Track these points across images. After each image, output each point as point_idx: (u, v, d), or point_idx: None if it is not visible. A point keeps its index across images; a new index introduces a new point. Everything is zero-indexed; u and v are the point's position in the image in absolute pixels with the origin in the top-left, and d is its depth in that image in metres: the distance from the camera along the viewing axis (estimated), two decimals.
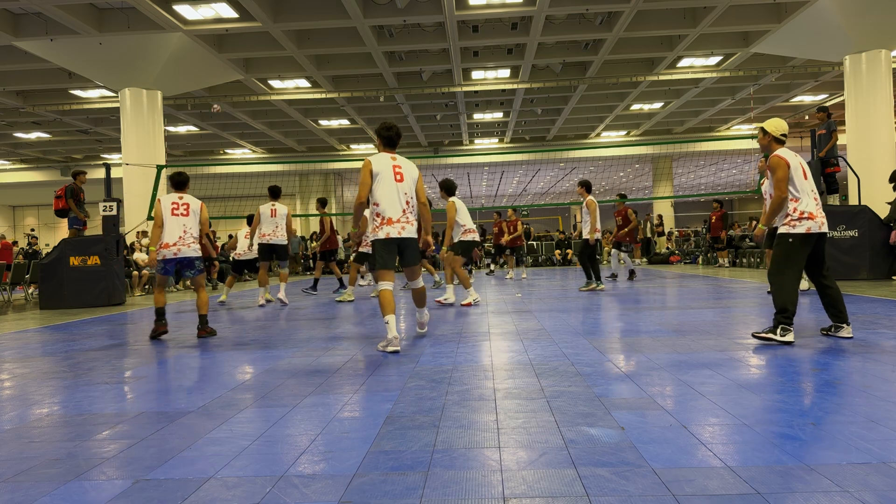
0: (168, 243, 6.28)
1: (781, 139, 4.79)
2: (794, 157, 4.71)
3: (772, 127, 4.80)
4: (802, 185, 4.65)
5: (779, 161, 4.63)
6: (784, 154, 4.68)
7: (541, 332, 5.72)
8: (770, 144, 4.82)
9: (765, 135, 4.84)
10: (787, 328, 4.50)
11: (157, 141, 16.84)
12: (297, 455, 2.55)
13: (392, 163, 5.07)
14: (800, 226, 4.57)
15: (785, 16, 15.20)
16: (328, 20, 14.40)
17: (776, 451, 2.38)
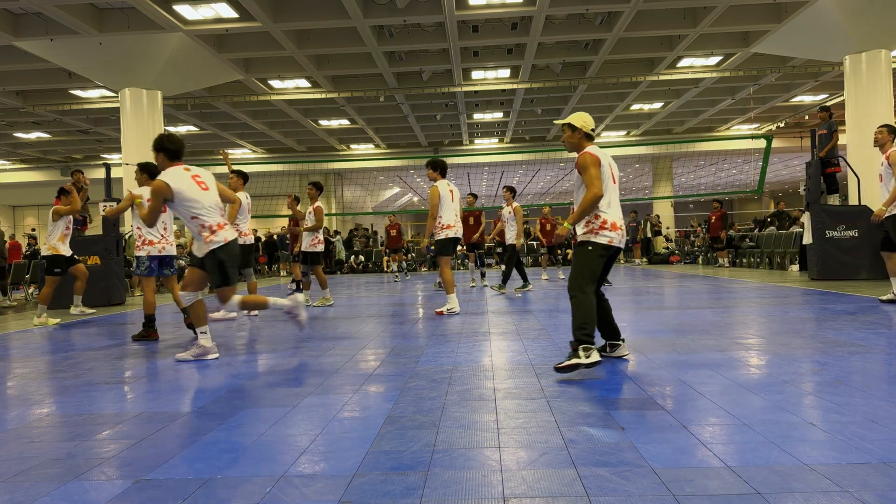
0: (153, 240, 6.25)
1: (591, 134, 4.25)
2: (605, 156, 4.19)
3: (580, 122, 4.21)
4: (610, 190, 4.17)
5: (592, 158, 4.08)
6: (596, 152, 4.13)
7: (541, 332, 5.72)
8: (580, 142, 4.23)
9: (573, 131, 4.23)
10: (590, 346, 3.84)
11: None
12: (297, 455, 2.55)
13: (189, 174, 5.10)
14: (602, 235, 4.05)
15: (785, 16, 15.19)
16: (328, 20, 14.40)
17: (776, 451, 2.38)
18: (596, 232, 4.10)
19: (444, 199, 7.62)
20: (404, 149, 30.33)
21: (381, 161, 30.00)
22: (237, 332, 6.53)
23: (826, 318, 5.94)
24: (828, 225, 10.52)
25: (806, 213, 11.02)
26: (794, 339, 4.78)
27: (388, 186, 40.33)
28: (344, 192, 34.26)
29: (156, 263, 6.30)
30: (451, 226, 7.64)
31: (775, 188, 47.02)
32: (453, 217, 7.68)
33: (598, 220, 4.13)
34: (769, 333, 5.12)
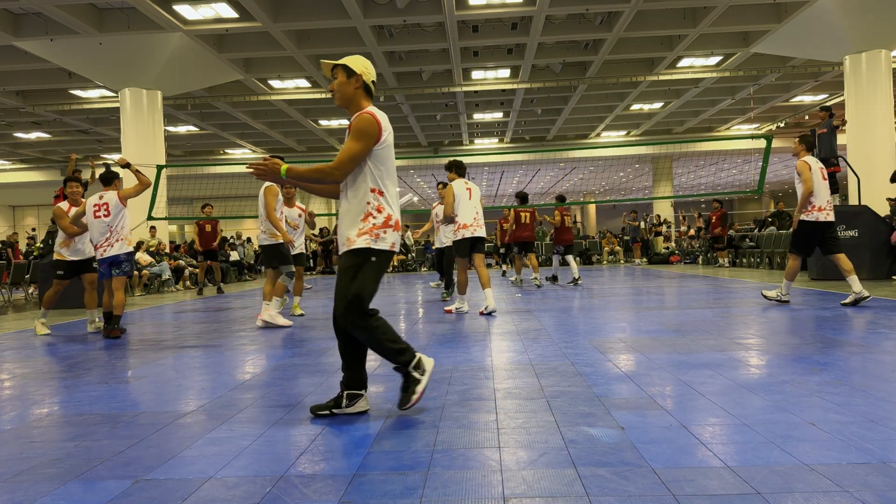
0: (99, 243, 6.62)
1: (371, 88, 3.13)
2: (387, 122, 3.12)
3: (360, 66, 3.08)
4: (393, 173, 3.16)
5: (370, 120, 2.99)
6: (378, 115, 3.06)
7: (541, 332, 5.72)
8: (355, 95, 3.09)
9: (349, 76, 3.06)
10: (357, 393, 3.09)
11: (157, 141, 16.85)
12: (297, 455, 2.55)
13: None
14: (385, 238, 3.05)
15: (785, 16, 15.20)
16: (328, 20, 14.40)
17: (776, 451, 2.38)
18: (376, 233, 3.03)
19: (461, 198, 7.32)
20: (404, 149, 30.33)
21: None
22: (237, 333, 6.53)
23: (826, 318, 5.94)
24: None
25: None
26: (794, 339, 4.78)
27: None
28: None
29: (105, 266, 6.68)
30: (468, 225, 7.32)
31: (775, 188, 47.02)
32: (471, 216, 7.34)
33: (380, 214, 3.05)
34: (769, 333, 5.12)
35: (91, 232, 6.72)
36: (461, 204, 7.33)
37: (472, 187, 7.52)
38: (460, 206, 7.33)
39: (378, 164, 3.04)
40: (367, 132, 2.97)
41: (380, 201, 3.03)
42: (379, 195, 3.04)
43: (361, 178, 3.03)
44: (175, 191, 20.71)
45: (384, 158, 3.06)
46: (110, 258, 6.63)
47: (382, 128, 3.02)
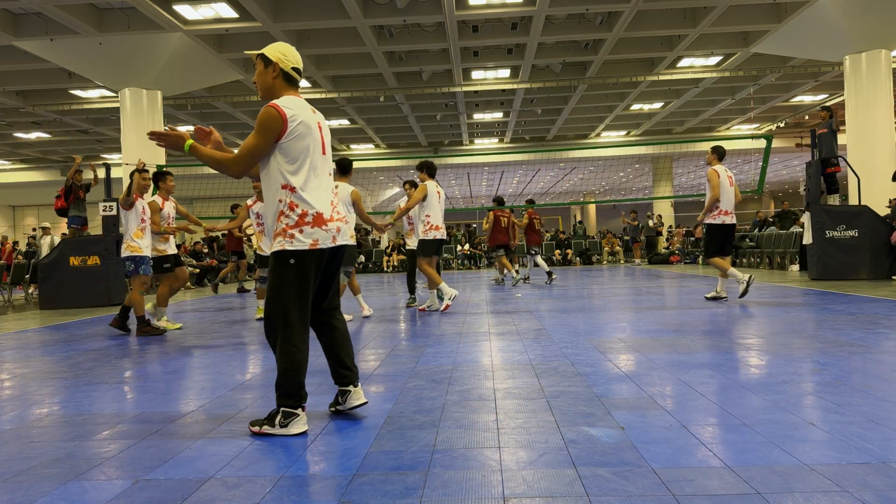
0: None
1: (293, 76, 2.95)
2: (304, 110, 2.90)
3: (277, 53, 2.92)
4: (314, 163, 2.91)
5: (274, 112, 2.80)
6: (286, 105, 2.85)
7: (541, 332, 5.72)
8: (273, 85, 2.95)
9: (266, 66, 2.93)
10: (292, 411, 2.87)
11: None
12: (297, 455, 2.55)
13: None
14: (303, 236, 2.85)
15: (785, 16, 15.20)
16: (328, 20, 14.40)
17: (776, 451, 2.38)
18: (291, 233, 2.84)
19: (432, 197, 7.62)
20: (404, 149, 30.33)
21: (381, 161, 30.01)
22: (237, 333, 6.54)
23: (826, 318, 5.94)
24: (828, 225, 10.52)
25: (806, 213, 11.02)
26: (794, 339, 4.78)
27: (388, 186, 40.33)
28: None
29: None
30: (439, 227, 7.67)
31: (775, 188, 47.02)
32: (440, 219, 7.71)
33: (293, 211, 2.86)
34: (769, 333, 5.12)
35: None
36: (433, 205, 7.59)
37: (441, 192, 7.80)
38: (433, 207, 7.60)
39: (288, 158, 2.83)
40: (267, 126, 2.78)
41: (292, 198, 2.83)
42: (291, 192, 2.84)
43: (270, 175, 2.86)
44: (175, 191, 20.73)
45: (298, 151, 2.84)
46: None
47: (288, 119, 2.80)
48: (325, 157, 2.96)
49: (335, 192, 3.03)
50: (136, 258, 6.56)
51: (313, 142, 2.88)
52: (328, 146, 3.01)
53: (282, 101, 2.84)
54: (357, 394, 3.07)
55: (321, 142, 2.93)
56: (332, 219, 2.90)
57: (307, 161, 2.87)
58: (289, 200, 2.83)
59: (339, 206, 3.00)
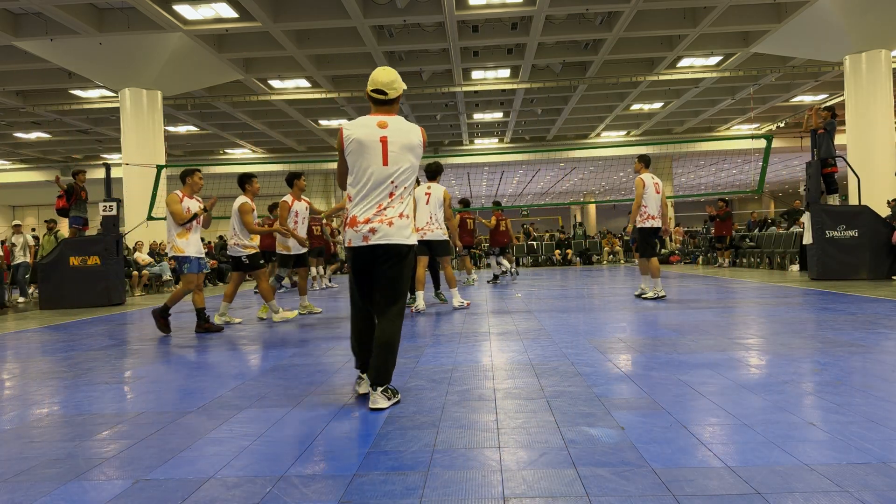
0: None
1: (376, 97, 3.39)
2: (367, 128, 3.32)
3: (369, 80, 3.40)
4: (366, 172, 3.32)
5: (338, 134, 3.38)
6: (348, 125, 3.36)
7: (541, 332, 5.72)
8: (370, 107, 3.48)
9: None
10: (360, 377, 3.49)
11: (157, 141, 16.85)
12: (297, 455, 2.55)
13: None
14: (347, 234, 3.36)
15: (785, 16, 15.20)
16: (328, 20, 14.41)
17: (776, 451, 2.38)
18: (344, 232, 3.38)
19: (418, 202, 7.75)
20: None
21: None
22: (237, 333, 6.54)
23: (826, 318, 5.94)
24: (828, 225, 10.52)
25: (806, 213, 11.02)
26: (794, 339, 4.78)
27: None
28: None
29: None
30: (420, 228, 7.78)
31: (775, 188, 47.04)
32: (424, 220, 7.81)
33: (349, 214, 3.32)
34: (769, 333, 5.12)
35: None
36: (419, 207, 7.75)
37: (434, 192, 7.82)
38: (418, 209, 7.75)
39: (351, 170, 3.35)
40: (338, 144, 3.37)
41: (349, 205, 3.35)
42: (349, 200, 3.37)
43: None
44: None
45: (351, 164, 3.34)
46: None
47: (344, 137, 3.32)
48: (385, 167, 3.30)
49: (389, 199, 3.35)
50: (179, 258, 6.61)
51: (369, 155, 3.29)
52: (392, 153, 3.31)
53: (351, 122, 3.37)
54: (373, 396, 3.24)
55: (381, 154, 3.29)
56: (367, 220, 3.27)
57: (358, 171, 3.32)
58: (347, 207, 3.36)
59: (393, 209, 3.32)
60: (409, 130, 3.36)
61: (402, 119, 3.41)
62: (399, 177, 3.33)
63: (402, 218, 3.31)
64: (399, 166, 3.32)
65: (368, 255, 3.30)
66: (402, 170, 3.33)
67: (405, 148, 3.32)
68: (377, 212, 3.28)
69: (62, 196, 11.83)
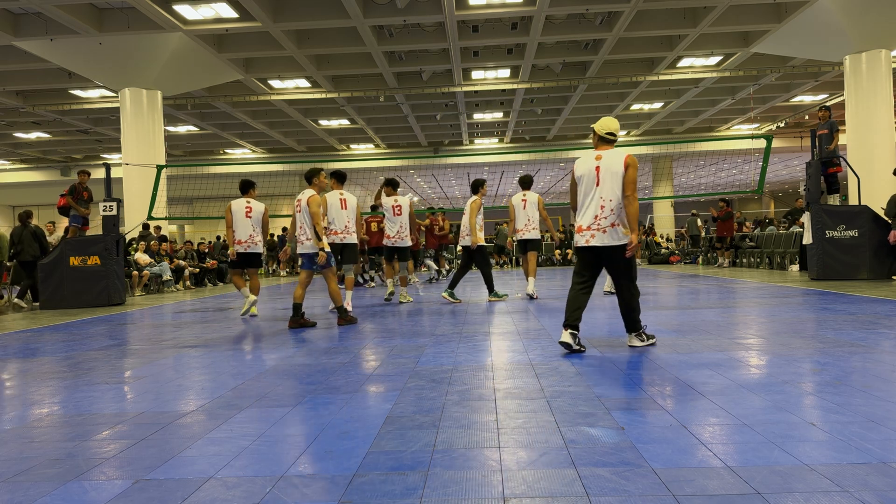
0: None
1: (607, 138, 4.68)
2: (588, 163, 4.60)
3: (598, 126, 4.71)
4: (586, 194, 4.60)
5: (573, 168, 4.70)
6: (577, 161, 4.69)
7: (541, 332, 5.72)
8: (597, 144, 4.72)
9: (593, 135, 4.77)
10: (564, 330, 4.56)
11: (157, 141, 16.85)
12: (297, 455, 2.55)
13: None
14: (575, 238, 4.68)
15: (785, 16, 15.21)
16: (328, 20, 14.41)
17: (776, 451, 2.38)
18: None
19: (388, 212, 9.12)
20: (404, 149, 30.33)
21: (381, 161, 30.02)
22: (237, 333, 6.54)
23: (826, 318, 5.94)
24: (828, 225, 10.52)
25: (806, 213, 11.02)
26: (794, 339, 4.78)
27: None
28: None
29: (305, 259, 6.88)
30: (390, 236, 9.20)
31: (775, 188, 47.04)
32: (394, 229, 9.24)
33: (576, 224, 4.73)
34: (769, 333, 5.12)
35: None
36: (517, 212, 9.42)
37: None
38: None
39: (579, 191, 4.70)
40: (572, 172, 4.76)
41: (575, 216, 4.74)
42: (573, 210, 4.79)
43: None
44: (175, 191, 20.70)
45: (580, 185, 4.66)
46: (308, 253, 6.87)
47: (574, 170, 4.71)
48: (598, 187, 4.55)
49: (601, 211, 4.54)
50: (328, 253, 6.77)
51: (585, 180, 4.63)
52: (603, 178, 4.54)
53: (578, 160, 4.70)
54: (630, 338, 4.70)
55: (596, 178, 4.57)
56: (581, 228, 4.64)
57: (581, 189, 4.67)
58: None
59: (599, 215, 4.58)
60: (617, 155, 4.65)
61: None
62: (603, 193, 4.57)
63: None
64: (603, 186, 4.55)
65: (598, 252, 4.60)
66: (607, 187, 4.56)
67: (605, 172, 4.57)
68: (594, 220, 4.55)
69: (65, 195, 11.84)
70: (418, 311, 7.95)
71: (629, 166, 4.48)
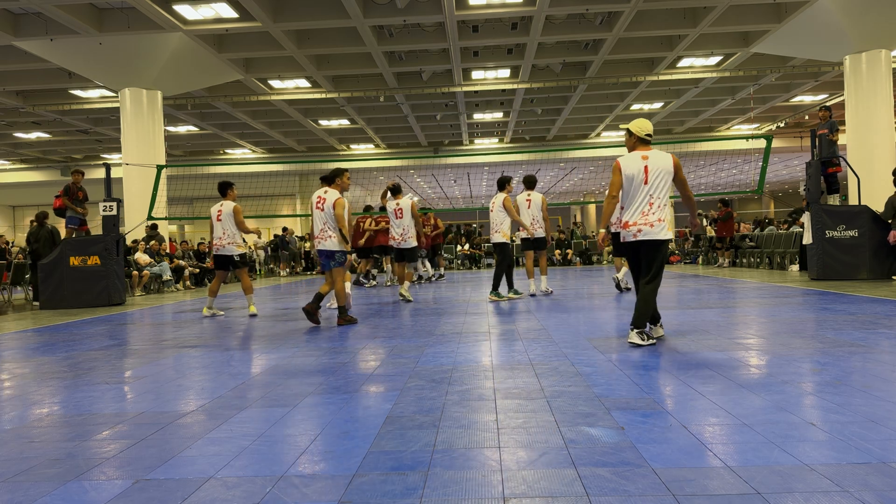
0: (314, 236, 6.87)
1: (646, 139, 4.86)
2: (635, 161, 4.76)
3: (636, 127, 4.87)
4: (634, 191, 4.78)
5: (615, 165, 4.84)
6: (623, 158, 4.84)
7: (541, 332, 5.72)
8: (634, 145, 4.88)
9: (630, 135, 4.92)
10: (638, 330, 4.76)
11: (157, 141, 16.85)
12: (297, 455, 2.55)
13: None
14: (621, 234, 4.90)
15: (785, 16, 15.20)
16: (328, 20, 14.40)
17: (776, 451, 2.38)
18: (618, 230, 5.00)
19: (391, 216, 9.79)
20: (404, 149, 30.33)
21: (381, 161, 30.01)
22: (237, 333, 6.54)
23: (826, 318, 5.94)
24: (828, 225, 10.52)
25: (806, 213, 11.02)
26: (794, 339, 4.78)
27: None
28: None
29: (323, 258, 6.91)
30: (395, 237, 9.74)
31: (775, 188, 47.03)
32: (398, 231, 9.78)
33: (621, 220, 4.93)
34: (769, 333, 5.12)
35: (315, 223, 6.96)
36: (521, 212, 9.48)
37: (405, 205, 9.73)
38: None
39: (624, 188, 4.85)
40: (615, 169, 4.86)
41: (620, 212, 4.95)
42: (622, 209, 4.91)
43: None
44: (175, 191, 20.69)
45: (627, 183, 4.80)
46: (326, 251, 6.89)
47: (622, 168, 4.80)
48: (646, 185, 4.73)
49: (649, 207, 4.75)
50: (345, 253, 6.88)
51: (635, 179, 4.75)
52: (651, 177, 4.72)
53: (621, 158, 4.85)
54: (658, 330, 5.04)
55: (644, 176, 4.72)
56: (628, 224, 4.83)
57: (629, 190, 4.80)
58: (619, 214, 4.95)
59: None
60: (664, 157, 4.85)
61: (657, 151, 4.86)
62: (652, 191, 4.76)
63: None
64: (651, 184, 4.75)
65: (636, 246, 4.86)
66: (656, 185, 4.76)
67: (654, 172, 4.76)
68: (643, 217, 4.74)
69: (60, 195, 11.83)
70: (418, 312, 7.95)
71: (678, 167, 4.79)
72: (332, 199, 6.80)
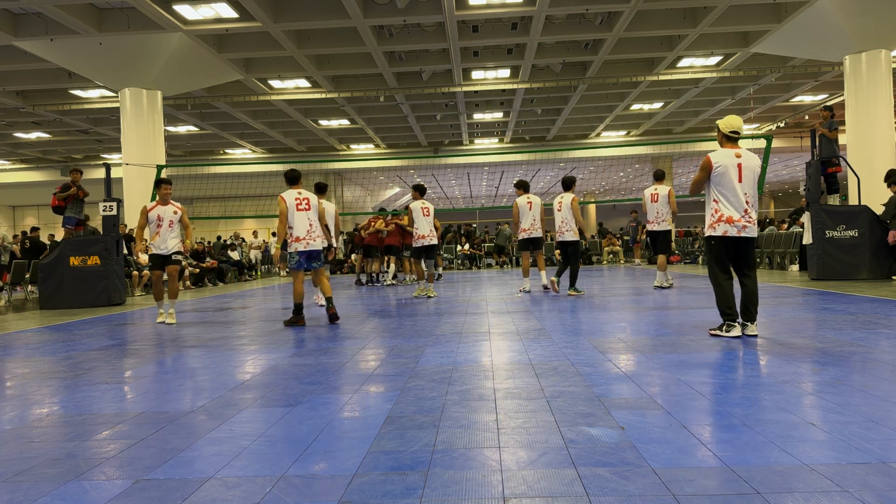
0: (298, 237, 6.86)
1: (731, 136, 5.01)
2: (728, 157, 4.91)
3: (723, 124, 5.03)
4: (729, 188, 4.90)
5: (705, 161, 5.00)
6: (714, 154, 4.97)
7: (541, 332, 5.72)
8: (721, 141, 5.08)
9: (718, 132, 5.12)
10: (731, 324, 4.92)
11: (157, 141, 16.85)
12: (297, 455, 2.55)
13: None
14: (718, 228, 4.93)
15: (785, 16, 15.20)
16: (328, 20, 14.40)
17: (776, 450, 2.38)
18: (713, 227, 4.97)
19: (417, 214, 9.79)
20: (404, 149, 30.33)
21: (381, 161, 30.02)
22: (237, 332, 6.54)
23: (826, 318, 5.94)
24: (828, 225, 10.52)
25: (806, 213, 11.01)
26: (794, 339, 4.78)
27: (389, 186, 40.33)
28: (344, 192, 34.27)
29: (304, 258, 6.95)
30: (425, 236, 9.77)
31: (775, 188, 47.03)
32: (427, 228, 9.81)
33: (716, 214, 4.97)
34: (769, 333, 5.12)
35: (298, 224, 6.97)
36: (419, 218, 9.71)
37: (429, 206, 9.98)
38: (419, 221, 9.70)
39: (715, 183, 4.95)
40: (703, 166, 5.00)
41: (715, 206, 4.95)
42: (715, 202, 4.96)
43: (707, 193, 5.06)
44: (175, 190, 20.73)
45: (717, 182, 4.93)
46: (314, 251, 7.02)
47: (713, 162, 4.93)
48: (741, 183, 4.89)
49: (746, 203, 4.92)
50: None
51: (729, 176, 4.90)
52: (745, 175, 4.90)
53: (713, 153, 4.98)
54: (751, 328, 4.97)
55: (737, 174, 4.88)
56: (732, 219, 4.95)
57: (726, 185, 4.92)
58: (713, 208, 4.97)
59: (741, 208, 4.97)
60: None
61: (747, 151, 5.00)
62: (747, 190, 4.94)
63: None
64: (745, 182, 4.91)
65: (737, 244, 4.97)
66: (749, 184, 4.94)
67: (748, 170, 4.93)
68: (743, 212, 4.88)
69: (56, 193, 11.83)
70: (418, 312, 7.95)
71: (762, 169, 5.12)
72: (316, 201, 7.08)
